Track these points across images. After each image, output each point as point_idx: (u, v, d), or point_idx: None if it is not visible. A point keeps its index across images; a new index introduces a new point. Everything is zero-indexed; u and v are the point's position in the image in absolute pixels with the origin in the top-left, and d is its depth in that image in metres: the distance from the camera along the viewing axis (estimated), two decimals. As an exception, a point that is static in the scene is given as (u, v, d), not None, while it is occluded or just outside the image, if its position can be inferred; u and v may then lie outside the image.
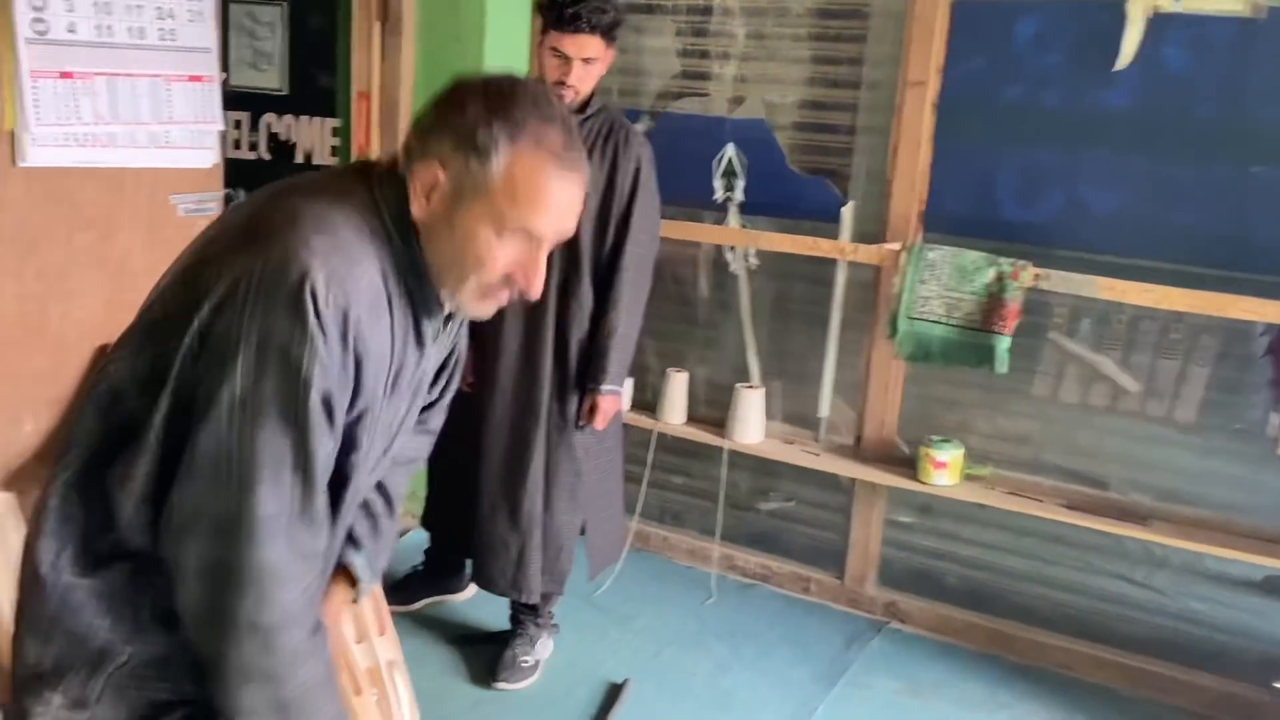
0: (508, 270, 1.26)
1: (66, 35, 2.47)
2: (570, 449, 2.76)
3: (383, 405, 1.32)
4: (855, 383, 3.39)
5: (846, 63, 3.31)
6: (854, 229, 3.28)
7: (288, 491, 1.18)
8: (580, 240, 2.66)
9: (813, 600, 3.47)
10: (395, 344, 1.28)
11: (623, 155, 2.67)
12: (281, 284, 1.15)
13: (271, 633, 1.20)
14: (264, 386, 1.15)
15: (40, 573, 1.27)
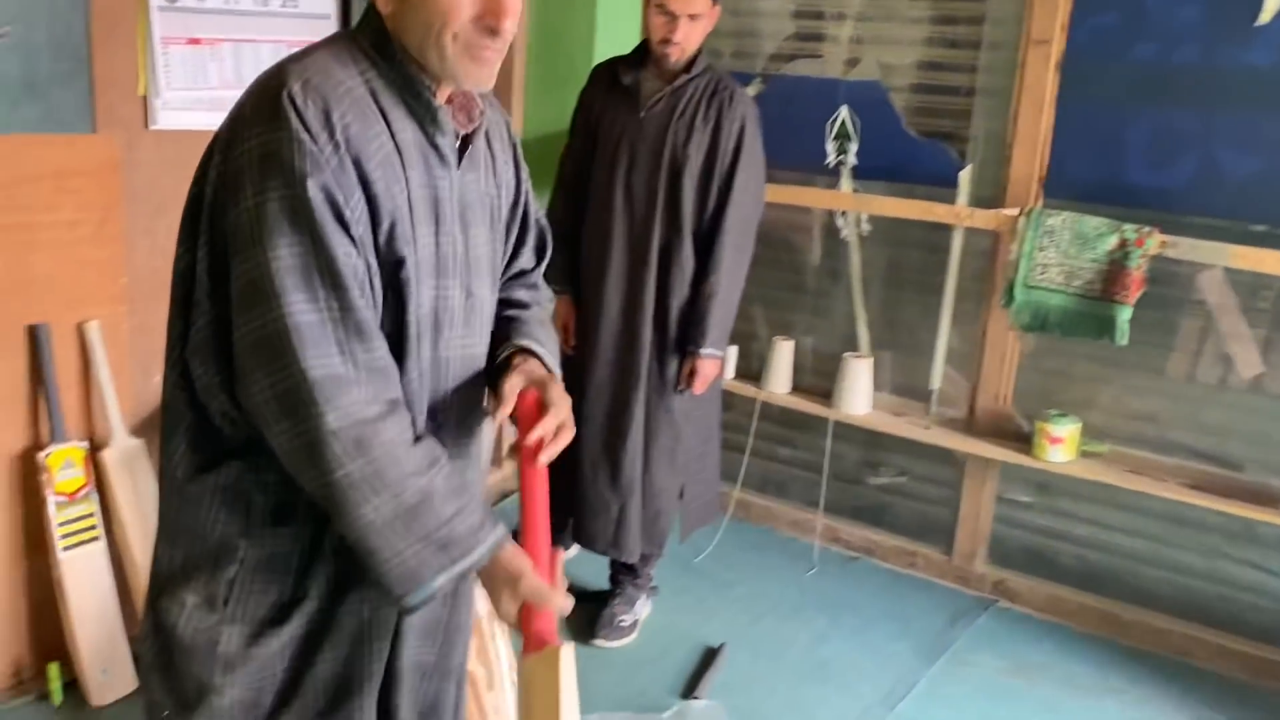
0: (474, 14, 1.23)
1: (195, 3, 2.58)
2: (669, 412, 2.76)
3: (424, 228, 1.30)
4: (969, 354, 3.30)
5: (966, 22, 3.20)
6: (971, 194, 3.18)
7: (320, 297, 1.19)
8: (681, 202, 2.65)
9: (918, 576, 3.40)
10: (405, 157, 1.27)
11: (726, 116, 2.64)
12: (264, 104, 1.21)
13: (357, 438, 1.19)
14: (268, 196, 1.18)
15: (163, 475, 1.36)
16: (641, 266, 2.69)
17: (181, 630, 1.33)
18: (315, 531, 1.33)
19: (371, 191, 1.23)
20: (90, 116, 2.43)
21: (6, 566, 2.42)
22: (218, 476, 1.31)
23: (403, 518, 1.21)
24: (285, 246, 1.18)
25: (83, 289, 2.45)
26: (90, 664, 2.44)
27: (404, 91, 1.28)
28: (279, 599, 1.34)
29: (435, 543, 1.23)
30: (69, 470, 2.41)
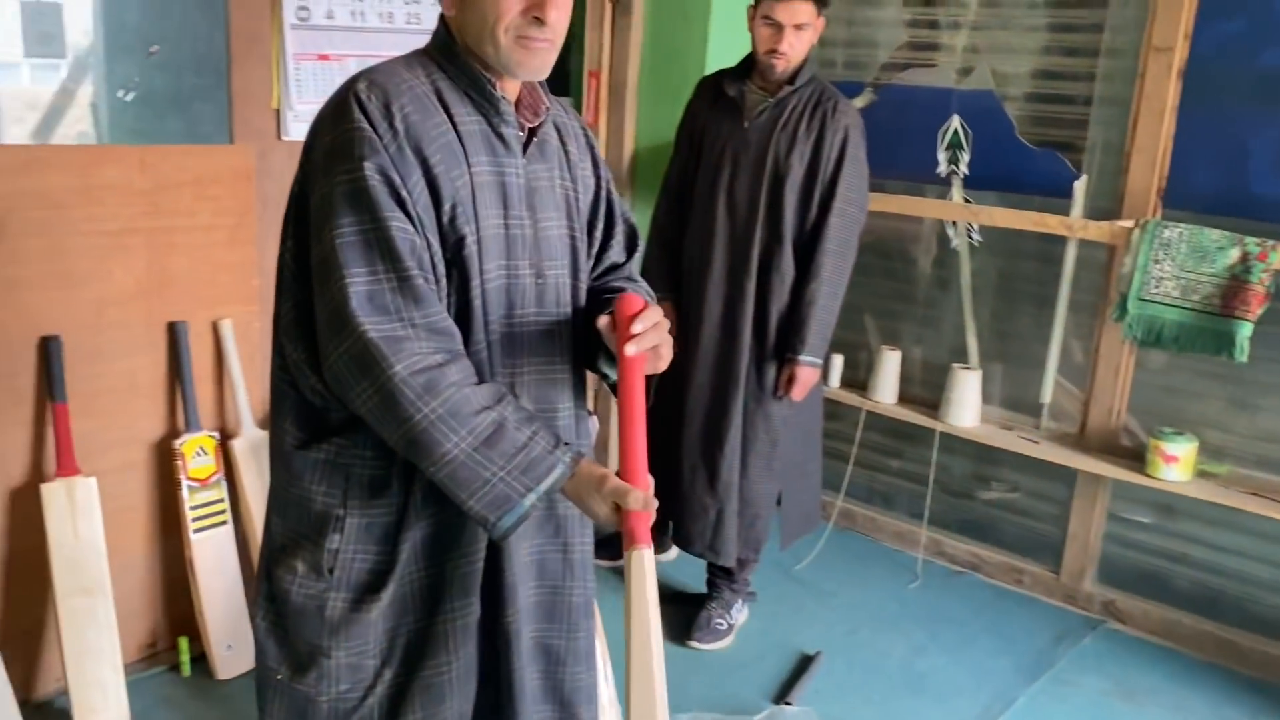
0: (523, 6, 1.35)
1: (325, 21, 2.74)
2: (768, 418, 2.79)
3: (491, 210, 1.41)
4: (1081, 368, 3.22)
5: (1086, 29, 3.13)
6: (1087, 205, 3.11)
7: (379, 269, 1.31)
8: (783, 211, 2.68)
9: (1024, 593, 3.34)
10: (468, 143, 1.39)
11: (829, 126, 2.66)
12: (335, 106, 1.37)
13: (425, 383, 1.29)
14: (335, 183, 1.32)
15: (273, 452, 1.50)
16: (742, 273, 2.73)
17: (294, 596, 1.45)
18: (406, 501, 1.43)
19: (432, 175, 1.35)
20: (228, 128, 2.61)
21: (144, 545, 2.61)
22: (319, 452, 1.44)
23: (481, 449, 1.31)
24: (348, 225, 1.31)
25: (218, 289, 2.62)
26: (216, 639, 2.61)
27: (469, 87, 1.42)
28: (376, 566, 1.45)
29: (517, 466, 1.32)
30: (201, 458, 2.58)
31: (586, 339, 1.56)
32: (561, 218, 1.53)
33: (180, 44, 2.49)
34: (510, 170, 1.45)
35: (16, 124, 2.43)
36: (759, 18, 2.64)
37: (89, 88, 2.43)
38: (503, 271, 1.44)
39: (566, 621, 1.60)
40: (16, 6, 2.28)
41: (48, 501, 2.35)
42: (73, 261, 2.37)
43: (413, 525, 1.44)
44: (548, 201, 1.50)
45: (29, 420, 2.37)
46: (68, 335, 2.37)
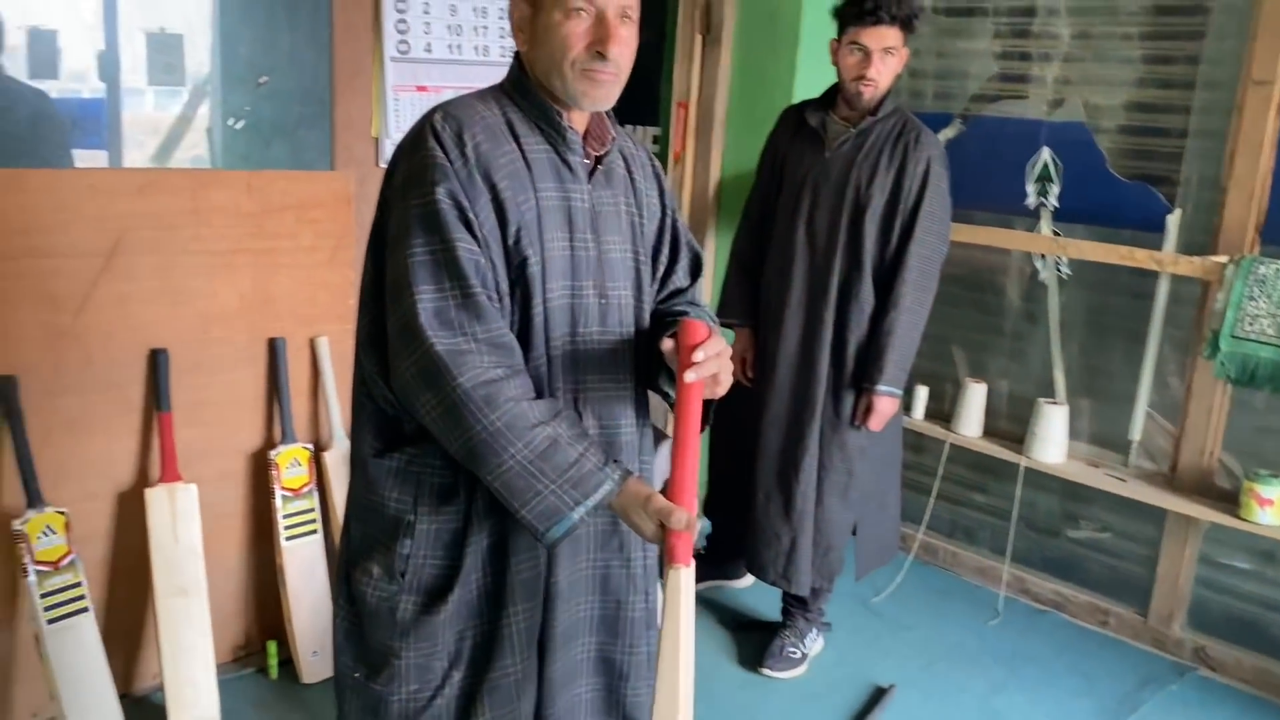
0: (587, 42, 1.44)
1: (424, 54, 2.86)
2: (844, 447, 2.79)
3: (556, 233, 1.48)
4: (1173, 405, 3.14)
5: (1182, 61, 3.08)
6: (1180, 239, 3.05)
7: (445, 287, 1.39)
8: (863, 241, 2.69)
9: (1109, 635, 3.25)
10: (535, 170, 1.48)
11: (912, 156, 2.66)
12: (414, 134, 1.46)
13: (486, 396, 1.36)
14: (409, 207, 1.41)
15: (353, 459, 1.59)
16: (821, 302, 2.74)
17: (369, 598, 1.53)
18: (470, 509, 1.50)
19: (500, 199, 1.44)
20: (330, 155, 2.74)
21: (239, 551, 2.73)
22: (393, 460, 1.52)
23: (535, 462, 1.38)
24: (420, 245, 1.40)
25: (316, 308, 2.74)
26: (303, 645, 2.71)
27: (539, 119, 1.51)
28: (444, 570, 1.52)
29: (568, 481, 1.39)
30: (295, 468, 2.70)
31: (649, 358, 1.61)
32: (625, 241, 1.60)
33: (288, 75, 2.63)
34: (576, 195, 1.52)
35: (138, 148, 2.59)
36: (845, 45, 2.67)
37: (204, 115, 2.57)
38: (567, 291, 1.51)
39: (628, 636, 1.65)
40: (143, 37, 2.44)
41: (151, 506, 2.48)
42: (182, 279, 2.51)
43: (477, 532, 1.51)
44: (612, 225, 1.57)
45: (137, 429, 2.51)
46: (175, 348, 2.51)
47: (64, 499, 2.36)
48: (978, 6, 3.48)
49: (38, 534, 2.28)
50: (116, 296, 2.41)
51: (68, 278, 2.34)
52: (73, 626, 2.33)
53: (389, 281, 1.43)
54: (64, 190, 2.30)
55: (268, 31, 2.57)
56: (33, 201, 2.25)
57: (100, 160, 2.44)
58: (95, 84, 2.40)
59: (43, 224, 2.27)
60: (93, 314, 2.38)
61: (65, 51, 2.33)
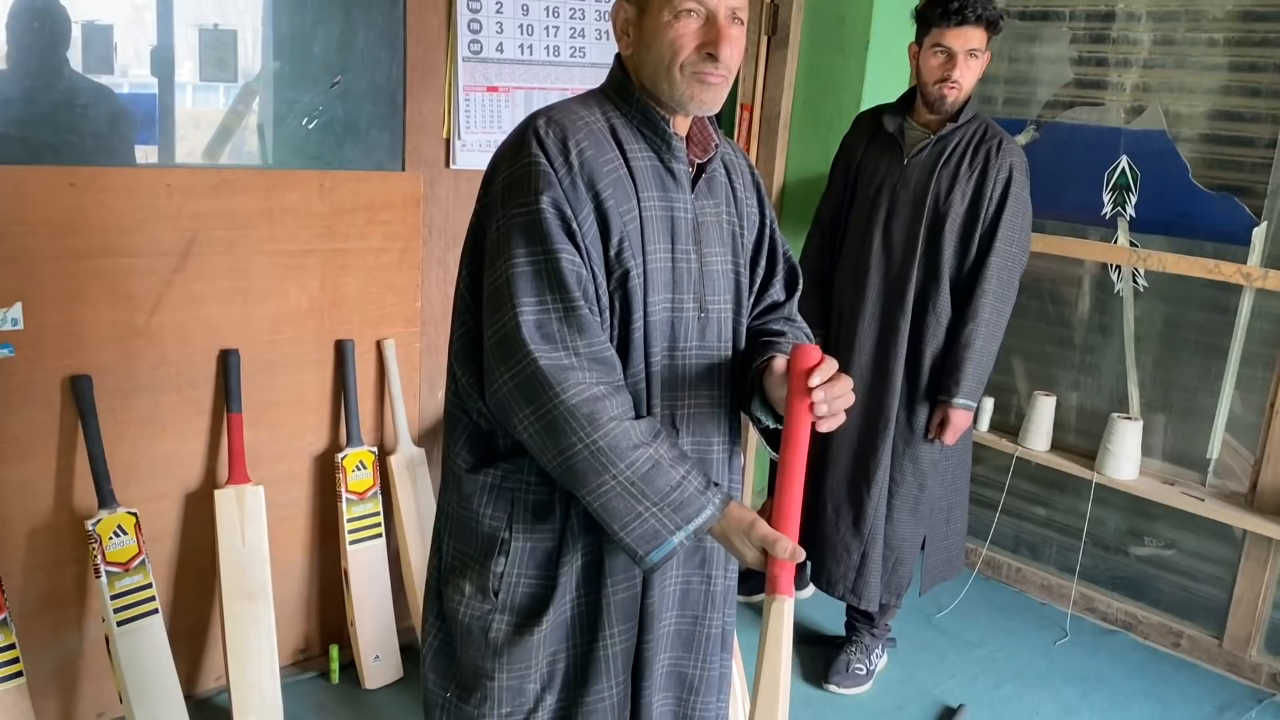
0: (698, 43, 1.39)
1: (495, 54, 2.82)
2: (916, 461, 2.73)
3: (659, 244, 1.44)
4: (1254, 423, 3.05)
5: (1270, 69, 2.99)
6: (1266, 252, 2.96)
7: (548, 299, 1.35)
8: (942, 250, 2.63)
9: (1182, 657, 3.17)
10: (639, 178, 1.43)
11: (993, 164, 2.59)
12: (516, 141, 1.42)
13: (589, 414, 1.32)
14: (512, 215, 1.37)
15: (445, 473, 1.55)
16: (897, 312, 2.68)
17: (461, 616, 1.49)
18: (566, 528, 1.46)
19: (604, 209, 1.39)
20: (401, 156, 2.71)
21: (304, 554, 2.71)
22: (488, 476, 1.48)
23: (638, 484, 1.34)
24: (522, 255, 1.36)
25: (384, 310, 2.72)
26: (366, 650, 2.69)
27: (643, 125, 1.46)
28: (538, 590, 1.48)
29: (670, 505, 1.35)
30: (360, 472, 2.68)
31: (743, 379, 1.56)
32: (727, 253, 1.55)
33: (360, 75, 2.60)
34: (679, 205, 1.47)
35: (189, 143, 2.55)
36: (929, 47, 2.60)
37: (257, 111, 2.54)
38: (667, 304, 1.46)
39: (703, 651, 1.61)
40: (196, 32, 2.41)
41: (220, 507, 2.47)
42: (253, 279, 2.49)
43: (572, 551, 1.47)
44: (713, 236, 1.52)
45: (206, 429, 2.50)
46: (245, 349, 2.50)
47: (134, 499, 2.35)
48: (1053, 10, 3.40)
49: (109, 535, 2.27)
50: (190, 296, 2.40)
51: (142, 277, 2.32)
52: (142, 628, 2.31)
53: (488, 292, 1.39)
54: (141, 189, 2.28)
55: (342, 30, 2.54)
56: (110, 200, 2.24)
57: (169, 152, 2.42)
58: (147, 78, 2.38)
59: (120, 223, 2.26)
60: (166, 314, 2.37)
61: (120, 46, 2.31)
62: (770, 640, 1.35)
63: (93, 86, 2.26)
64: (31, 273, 2.17)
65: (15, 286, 2.16)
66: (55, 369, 2.24)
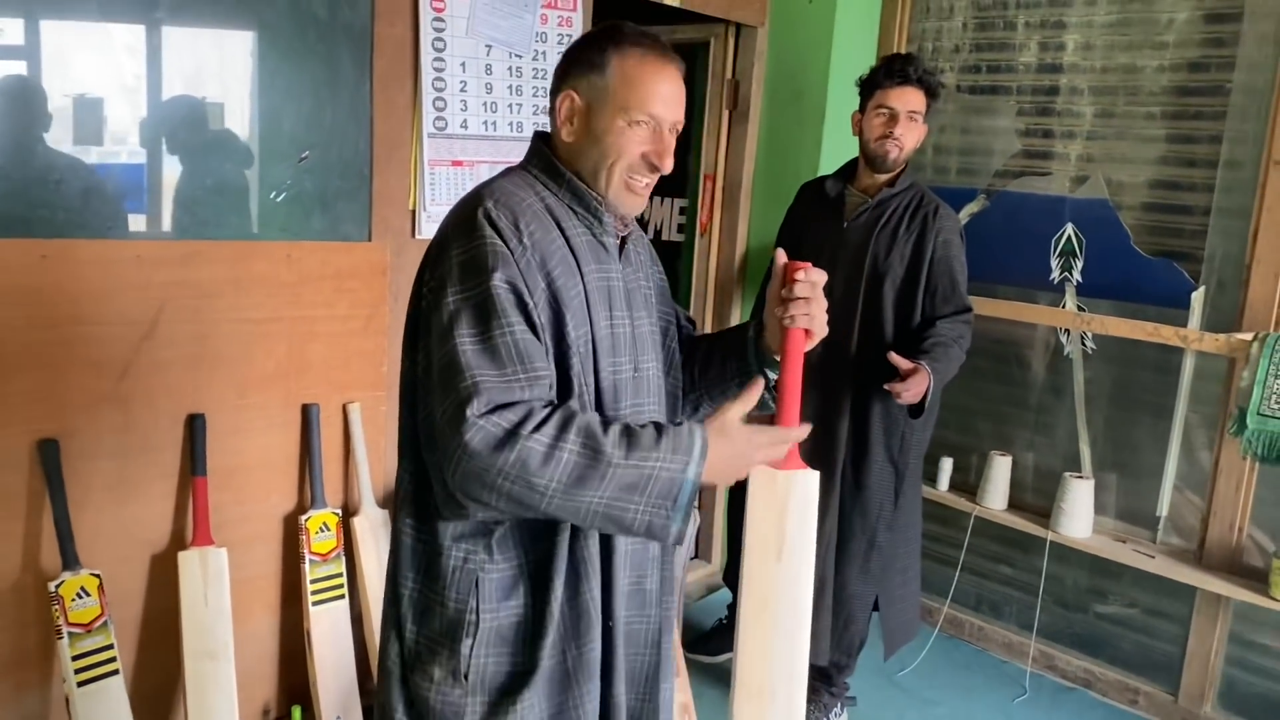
0: (642, 151, 1.49)
1: (459, 130, 2.94)
2: (865, 516, 2.80)
3: (600, 313, 1.51)
4: (1200, 481, 3.13)
5: (1204, 141, 3.12)
6: (1205, 316, 3.07)
7: (507, 371, 1.36)
8: (882, 308, 2.74)
9: (1139, 714, 3.21)
10: (579, 254, 1.50)
11: (930, 228, 2.72)
12: (464, 222, 1.45)
13: (558, 425, 1.34)
14: (465, 293, 1.40)
15: (404, 556, 1.54)
16: (838, 373, 2.77)
17: (434, 703, 1.50)
18: (533, 601, 1.50)
19: (554, 287, 1.45)
20: (368, 226, 2.81)
21: (267, 615, 2.75)
22: (449, 558, 1.50)
23: (630, 453, 1.36)
24: (473, 333, 1.38)
25: (349, 375, 2.80)
26: (328, 711, 2.72)
27: (574, 203, 1.54)
28: (512, 668, 1.50)
29: (666, 449, 1.37)
30: (324, 534, 2.73)
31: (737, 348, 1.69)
32: (651, 316, 1.66)
33: (329, 149, 2.71)
34: (613, 275, 1.57)
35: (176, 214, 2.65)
36: (872, 110, 2.75)
37: (243, 183, 2.65)
38: (612, 368, 1.54)
39: (647, 685, 1.64)
40: (184, 105, 2.51)
41: (183, 569, 2.51)
42: (220, 346, 2.57)
43: (543, 623, 1.49)
44: (639, 301, 1.62)
45: (173, 492, 2.55)
46: (211, 413, 2.56)
47: (99, 561, 2.40)
48: (1001, 85, 3.55)
49: (72, 596, 2.32)
50: (157, 363, 2.47)
51: (111, 344, 2.40)
52: (103, 689, 2.35)
53: (440, 368, 1.39)
54: (111, 260, 2.37)
55: (311, 108, 2.66)
56: (82, 271, 2.33)
57: (140, 223, 2.51)
58: (136, 150, 2.48)
59: (91, 292, 2.35)
60: (134, 380, 2.44)
61: (109, 119, 2.41)
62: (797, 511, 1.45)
63: (68, 162, 2.35)
64: (2, 340, 2.25)
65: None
66: (23, 433, 2.31)
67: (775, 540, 1.46)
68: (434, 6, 2.81)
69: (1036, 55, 3.45)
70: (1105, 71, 3.30)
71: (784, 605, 1.50)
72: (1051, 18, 3.40)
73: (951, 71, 3.65)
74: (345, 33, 2.69)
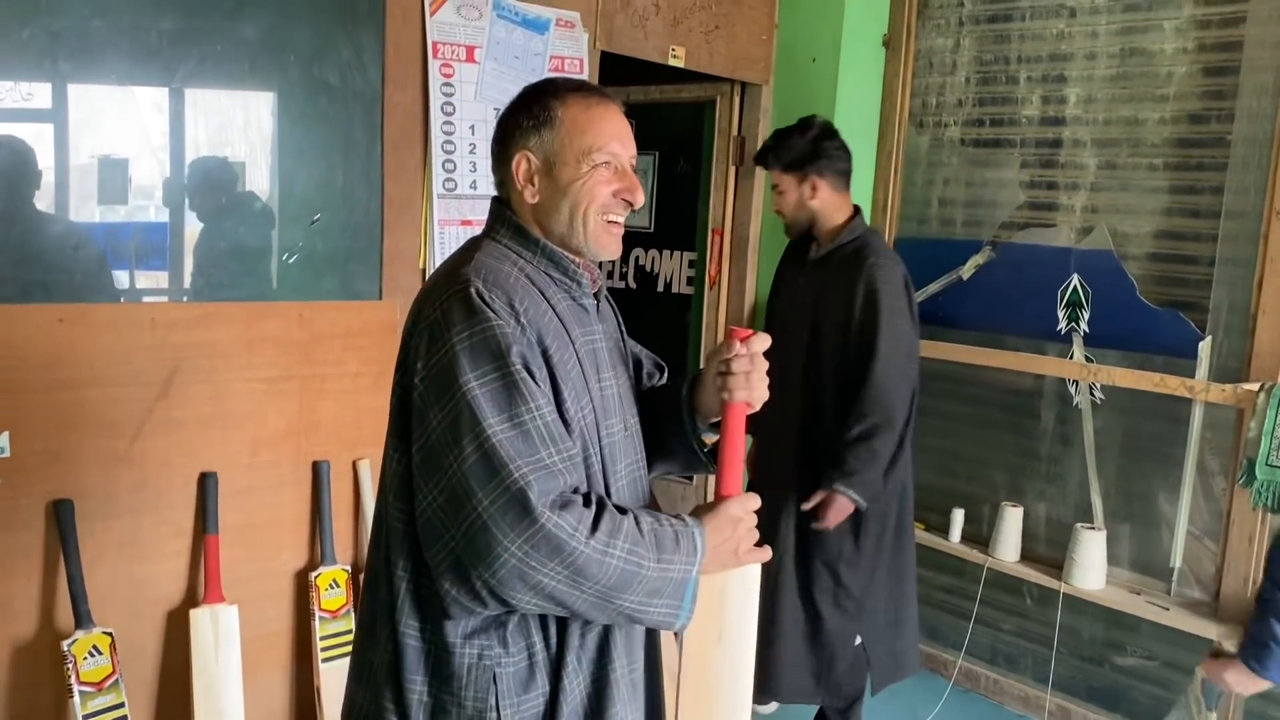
0: (613, 190, 1.50)
1: (469, 190, 3.00)
2: (824, 553, 2.83)
3: (593, 378, 1.50)
4: (1214, 532, 3.11)
5: (1207, 192, 3.14)
6: (1213, 365, 3.07)
7: (545, 457, 1.34)
8: (822, 357, 2.84)
9: (1158, 769, 3.16)
10: (567, 322, 1.48)
11: (860, 277, 2.80)
12: (459, 306, 1.39)
13: (609, 530, 1.34)
14: (485, 379, 1.35)
15: (410, 658, 1.47)
16: (789, 414, 2.87)
17: None
18: (554, 688, 1.47)
19: (551, 363, 1.43)
20: (378, 286, 2.87)
21: (278, 672, 2.77)
22: (464, 656, 1.44)
23: (662, 556, 1.38)
24: (505, 420, 1.34)
25: (359, 432, 2.84)
26: (337, 768, 2.72)
27: (550, 270, 1.52)
28: None
29: (684, 551, 1.40)
30: (334, 590, 2.75)
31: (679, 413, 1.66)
32: (628, 369, 1.66)
33: (340, 211, 2.77)
34: (597, 337, 1.56)
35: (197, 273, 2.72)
36: None
37: (263, 241, 2.71)
38: (607, 433, 1.52)
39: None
40: (206, 165, 2.59)
41: (194, 626, 2.54)
42: (233, 405, 2.62)
43: (561, 709, 1.47)
44: (616, 358, 1.61)
45: (185, 550, 2.59)
46: (223, 472, 2.60)
47: (111, 619, 2.43)
48: (1005, 138, 3.59)
49: (84, 655, 2.34)
50: (171, 423, 2.52)
51: (125, 405, 2.45)
52: (113, 748, 2.37)
53: (472, 461, 1.33)
54: (127, 323, 2.43)
55: (323, 171, 2.72)
56: (97, 334, 2.38)
57: (159, 282, 2.57)
58: (160, 209, 2.54)
59: (106, 355, 2.40)
60: (147, 439, 2.49)
61: (132, 180, 2.48)
62: None
63: (87, 227, 2.42)
64: (20, 403, 2.30)
65: (3, 416, 2.28)
66: (39, 494, 2.35)
67: (715, 624, 1.46)
68: (443, 72, 2.89)
69: (1039, 108, 3.50)
70: (1107, 124, 3.33)
71: (723, 688, 1.49)
72: (1053, 72, 3.45)
73: (955, 125, 3.70)
74: (357, 98, 2.76)
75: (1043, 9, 3.47)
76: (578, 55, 3.18)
